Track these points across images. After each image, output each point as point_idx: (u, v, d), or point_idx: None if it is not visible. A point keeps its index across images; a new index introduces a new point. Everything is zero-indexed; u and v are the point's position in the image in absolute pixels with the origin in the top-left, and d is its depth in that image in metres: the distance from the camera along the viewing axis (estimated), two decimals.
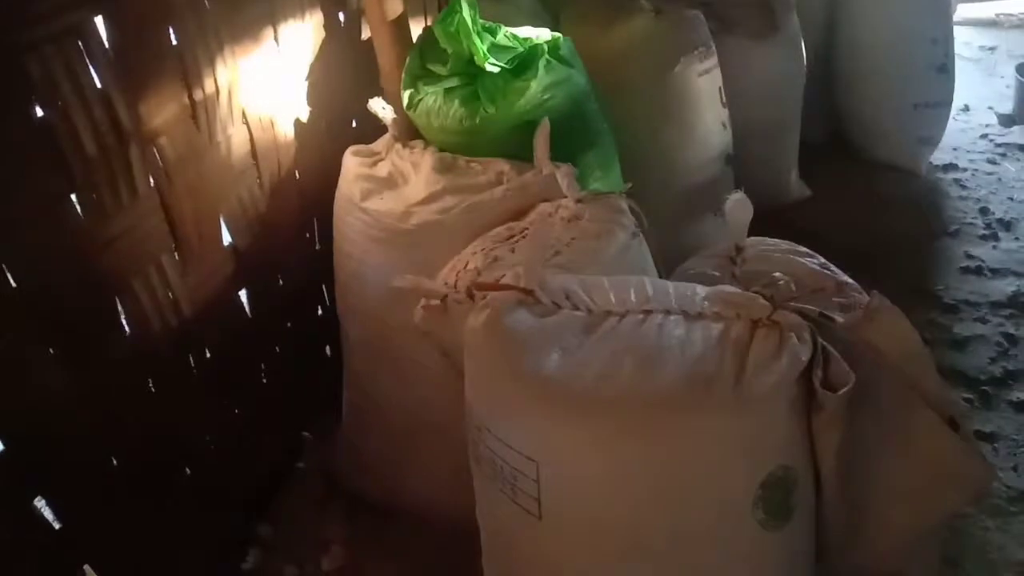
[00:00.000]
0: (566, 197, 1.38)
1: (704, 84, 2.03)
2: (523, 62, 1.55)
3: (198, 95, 1.28)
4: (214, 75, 1.31)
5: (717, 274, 1.30)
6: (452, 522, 1.35)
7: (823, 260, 1.32)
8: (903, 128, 2.75)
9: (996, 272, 2.31)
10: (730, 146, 2.17)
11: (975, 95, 3.36)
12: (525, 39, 1.60)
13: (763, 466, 0.94)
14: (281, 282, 1.63)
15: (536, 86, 1.51)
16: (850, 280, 1.26)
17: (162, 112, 1.21)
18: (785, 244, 1.37)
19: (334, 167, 1.61)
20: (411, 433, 1.53)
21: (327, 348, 1.86)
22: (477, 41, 1.50)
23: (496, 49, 1.56)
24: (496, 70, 1.52)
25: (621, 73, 1.91)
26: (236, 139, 1.41)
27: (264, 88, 1.45)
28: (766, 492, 0.93)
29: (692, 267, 1.37)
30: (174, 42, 1.23)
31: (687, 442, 0.92)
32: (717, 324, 1.01)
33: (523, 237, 1.32)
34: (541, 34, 1.63)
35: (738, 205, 1.30)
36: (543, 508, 0.97)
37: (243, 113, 1.41)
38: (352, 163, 1.58)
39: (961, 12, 4.07)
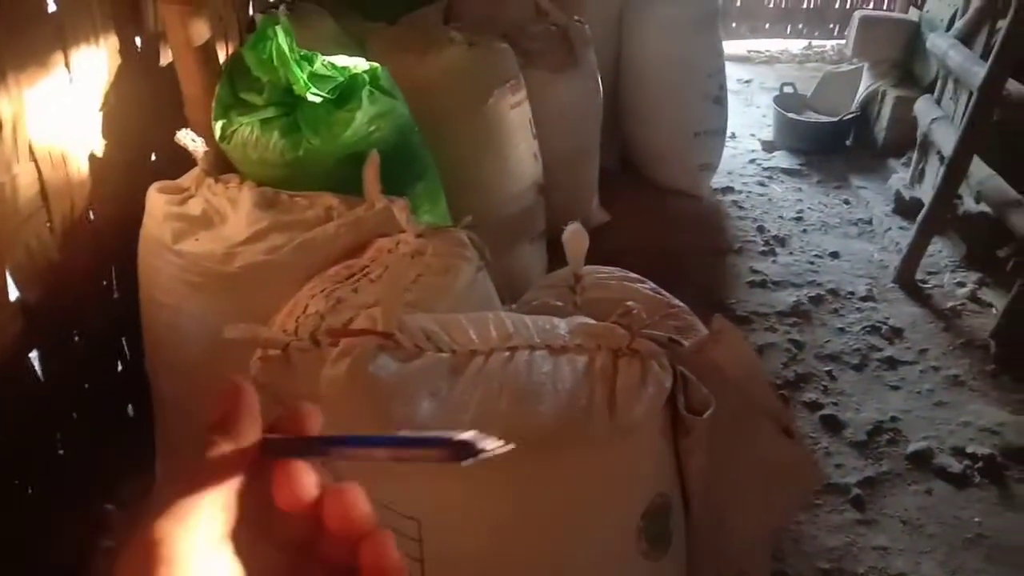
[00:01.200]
0: (403, 232, 1.34)
1: (516, 116, 2.07)
2: (344, 92, 1.49)
3: None
4: None
5: (561, 304, 1.31)
6: None
7: (654, 285, 1.37)
8: (685, 155, 2.98)
9: (778, 284, 2.56)
10: (541, 176, 2.23)
11: (739, 123, 3.72)
12: (343, 68, 1.54)
13: (644, 496, 0.95)
14: (77, 338, 1.44)
15: (361, 117, 1.46)
16: (681, 303, 1.32)
17: None
18: (618, 271, 1.41)
19: (133, 206, 1.45)
20: None
21: (129, 408, 1.66)
22: (296, 70, 1.42)
23: (315, 78, 1.49)
24: (318, 100, 1.45)
25: (436, 104, 1.89)
26: (22, 179, 1.23)
27: (54, 120, 1.28)
28: (647, 522, 0.93)
29: (534, 298, 1.37)
30: None
31: (572, 479, 0.91)
32: (581, 357, 1.01)
33: (364, 275, 1.25)
34: (357, 63, 1.58)
35: (575, 235, 1.32)
36: (426, 568, 0.91)
37: (30, 149, 1.24)
38: (159, 201, 1.43)
39: None
